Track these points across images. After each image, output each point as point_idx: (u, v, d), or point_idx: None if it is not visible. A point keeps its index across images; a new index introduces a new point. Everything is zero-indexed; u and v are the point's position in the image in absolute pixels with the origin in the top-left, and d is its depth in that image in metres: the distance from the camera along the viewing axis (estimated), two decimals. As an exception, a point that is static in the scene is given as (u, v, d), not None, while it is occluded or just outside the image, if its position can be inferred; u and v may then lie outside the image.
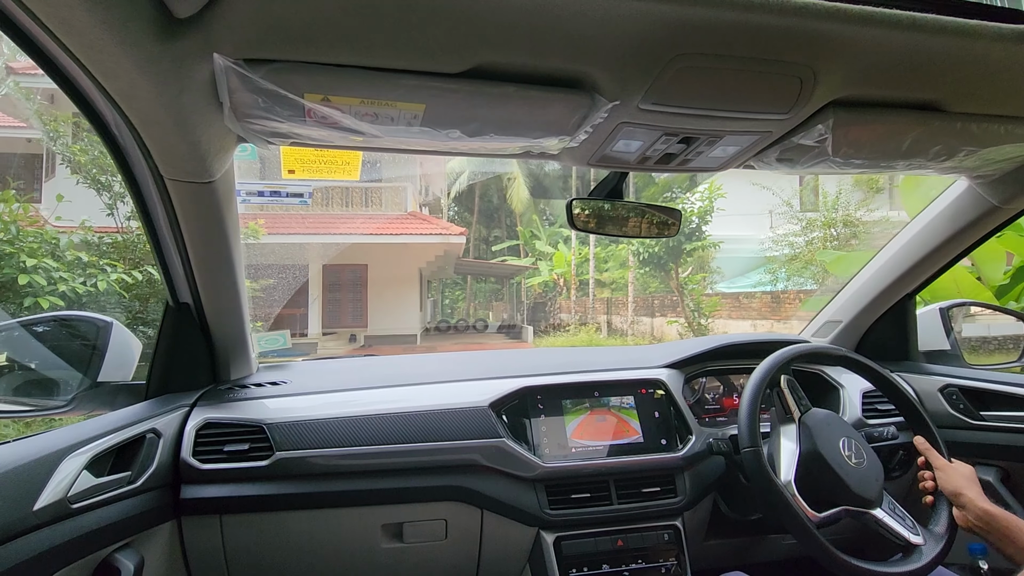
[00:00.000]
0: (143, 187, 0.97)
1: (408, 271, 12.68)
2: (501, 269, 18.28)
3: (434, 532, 1.21)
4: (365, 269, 11.98)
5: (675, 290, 11.50)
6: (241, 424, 1.17)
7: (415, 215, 12.27)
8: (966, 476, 1.04)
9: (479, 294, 19.83)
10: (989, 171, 1.12)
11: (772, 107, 0.81)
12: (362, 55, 0.67)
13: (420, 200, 13.79)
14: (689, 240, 11.11)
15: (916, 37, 0.68)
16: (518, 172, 16.71)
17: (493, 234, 20.98)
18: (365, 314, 12.14)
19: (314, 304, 11.02)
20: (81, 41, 0.61)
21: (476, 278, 19.25)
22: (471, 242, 18.98)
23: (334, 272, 11.66)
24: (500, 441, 1.21)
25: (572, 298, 14.64)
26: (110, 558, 0.93)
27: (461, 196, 19.78)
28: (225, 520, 1.13)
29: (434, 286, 17.50)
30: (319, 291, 11.24)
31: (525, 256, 17.54)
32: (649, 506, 1.24)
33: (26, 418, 2.16)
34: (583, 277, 14.39)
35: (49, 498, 0.81)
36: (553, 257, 14.81)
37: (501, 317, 16.83)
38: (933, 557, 1.01)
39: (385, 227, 11.22)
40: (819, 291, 9.60)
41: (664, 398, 1.35)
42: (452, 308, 18.19)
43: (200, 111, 0.74)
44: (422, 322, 13.86)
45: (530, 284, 16.31)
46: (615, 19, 0.63)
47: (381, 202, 11.88)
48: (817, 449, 1.05)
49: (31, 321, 1.24)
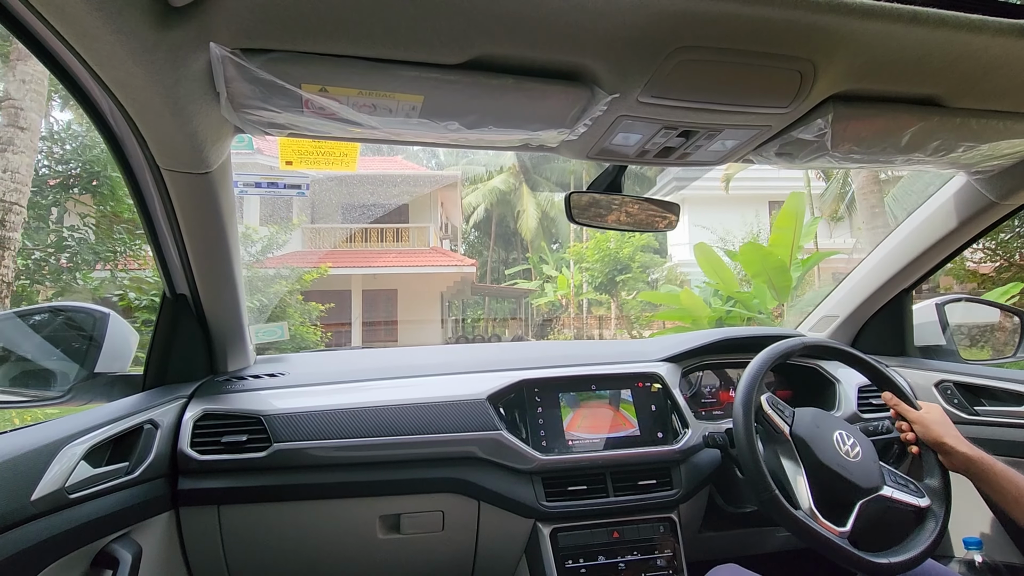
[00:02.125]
0: (139, 177, 0.96)
1: (431, 294, 15.70)
2: (510, 291, 21.07)
3: (431, 524, 1.21)
4: (395, 293, 15.22)
5: (615, 310, 14.86)
6: (239, 415, 1.17)
7: (436, 250, 15.53)
8: (940, 423, 1.06)
9: (497, 312, 22.79)
10: (988, 167, 1.12)
11: (772, 101, 0.81)
12: (360, 46, 0.66)
13: (440, 235, 16.94)
14: (620, 273, 15.01)
15: (917, 31, 0.68)
16: (528, 205, 20.00)
17: (511, 256, 23.91)
18: (395, 330, 15.13)
19: (356, 322, 14.06)
20: (76, 29, 0.60)
21: (493, 298, 22.30)
22: (488, 264, 23.33)
23: (372, 296, 14.91)
24: (497, 434, 1.22)
25: (572, 315, 16.96)
26: (108, 548, 0.94)
27: (480, 223, 22.89)
28: (223, 511, 1.13)
29: (455, 305, 20.08)
30: (359, 311, 14.37)
31: (534, 279, 19.94)
32: (645, 498, 1.25)
33: (23, 408, 2.16)
34: (584, 296, 16.61)
35: (47, 488, 0.82)
36: (557, 280, 16.91)
37: (516, 332, 19.36)
38: (943, 517, 1.04)
39: (412, 260, 14.73)
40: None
41: (661, 391, 1.36)
42: (474, 325, 20.91)
43: (196, 101, 0.73)
44: (443, 336, 16.55)
45: (538, 303, 18.44)
46: (615, 11, 0.62)
47: (410, 239, 15.50)
48: (819, 460, 1.03)
49: (28, 312, 1.24)
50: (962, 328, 1.62)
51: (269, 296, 8.49)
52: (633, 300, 14.95)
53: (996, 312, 1.71)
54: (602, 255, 15.01)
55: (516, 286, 20.51)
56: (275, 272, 9.00)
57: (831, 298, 1.66)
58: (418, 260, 14.73)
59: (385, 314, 15.08)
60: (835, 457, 1.04)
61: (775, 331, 1.59)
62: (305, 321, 8.83)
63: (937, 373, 1.46)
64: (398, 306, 15.19)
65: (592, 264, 15.34)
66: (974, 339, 2.16)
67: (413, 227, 15.65)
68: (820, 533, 0.97)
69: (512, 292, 21.10)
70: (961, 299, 1.64)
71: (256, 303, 7.89)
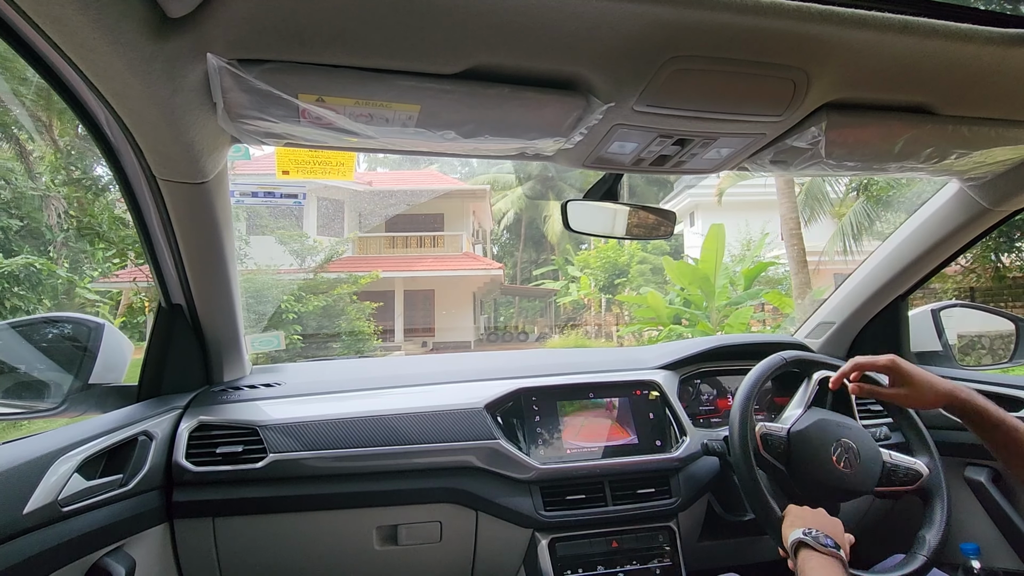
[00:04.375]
0: (135, 187, 0.96)
1: (464, 294, 17.91)
2: (536, 291, 23.05)
3: (429, 534, 1.20)
4: (433, 293, 17.46)
5: (616, 311, 16.41)
6: (235, 426, 1.16)
7: (468, 255, 17.73)
8: (924, 385, 0.98)
9: (526, 311, 24.51)
10: (980, 174, 1.13)
11: (766, 109, 0.81)
12: (357, 56, 0.67)
13: (472, 240, 19.14)
14: (618, 277, 16.80)
15: (908, 40, 0.69)
16: (554, 210, 21.99)
17: (541, 257, 25.59)
18: (433, 326, 17.32)
19: (398, 319, 16.06)
20: (73, 40, 0.60)
21: (522, 297, 24.34)
22: (518, 265, 25.39)
23: (412, 296, 17.04)
24: (495, 443, 1.21)
25: (593, 313, 18.45)
26: (101, 562, 0.92)
27: (511, 226, 25.06)
28: (218, 523, 1.12)
29: (487, 304, 22.12)
30: (401, 309, 16.36)
31: (560, 280, 21.29)
32: (644, 507, 1.24)
33: (16, 420, 2.14)
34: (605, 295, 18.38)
35: (39, 501, 0.81)
36: (580, 280, 18.26)
37: (543, 330, 20.78)
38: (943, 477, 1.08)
39: (447, 264, 16.87)
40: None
41: (659, 399, 1.35)
42: (506, 323, 23.07)
43: (193, 111, 0.73)
44: (475, 332, 18.62)
45: (563, 303, 19.83)
46: (609, 21, 0.63)
47: (444, 245, 17.60)
48: (818, 480, 1.05)
49: (22, 323, 1.23)
50: (958, 334, 1.62)
51: (332, 298, 10.08)
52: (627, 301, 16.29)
53: (992, 318, 1.71)
54: (603, 262, 16.71)
55: (542, 286, 22.04)
56: (335, 277, 10.70)
57: (826, 304, 1.66)
58: (452, 264, 16.87)
59: (424, 311, 17.31)
60: (832, 472, 1.05)
61: (770, 338, 1.59)
62: (360, 317, 10.50)
63: None
64: (435, 304, 17.55)
65: (594, 270, 17.01)
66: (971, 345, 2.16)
67: (448, 235, 17.80)
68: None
69: (538, 292, 22.75)
70: (957, 305, 1.65)
71: (322, 303, 9.71)
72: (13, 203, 5.32)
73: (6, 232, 5.14)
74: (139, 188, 0.96)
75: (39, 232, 4.86)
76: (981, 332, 5.75)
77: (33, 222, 5.09)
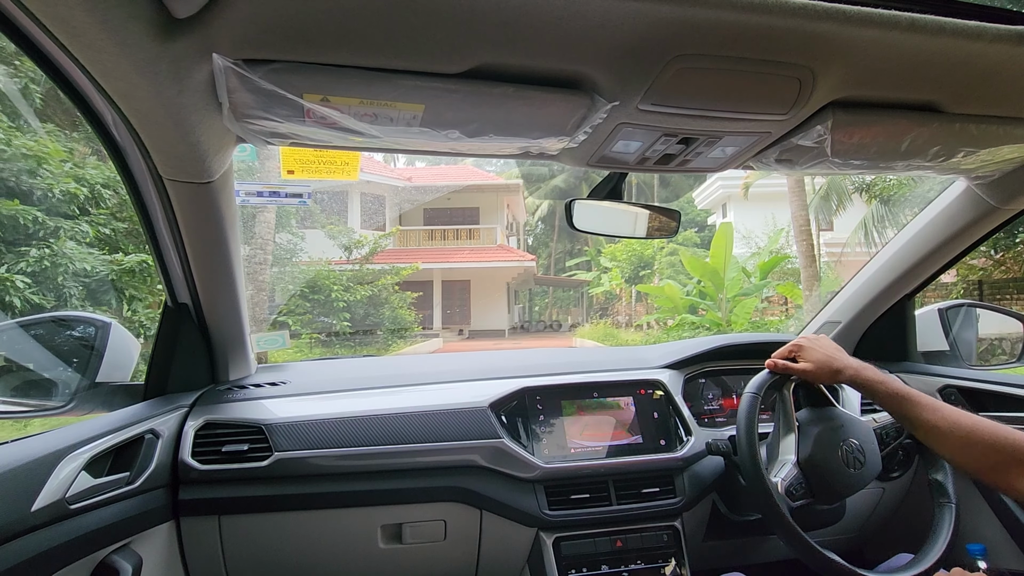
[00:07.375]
0: (141, 187, 0.97)
1: (499, 285, 19.02)
2: (568, 282, 24.05)
3: (433, 533, 1.20)
4: (468, 284, 18.49)
5: (647, 301, 16.67)
6: (240, 424, 1.16)
7: (502, 247, 18.74)
8: (820, 361, 1.07)
9: (560, 301, 25.33)
10: (987, 172, 1.12)
11: (771, 108, 0.81)
12: (361, 55, 0.67)
13: (506, 233, 20.40)
14: (643, 269, 17.69)
15: (915, 38, 0.68)
16: None
17: (575, 248, 26.24)
18: (468, 315, 18.51)
19: (436, 308, 17.09)
20: (80, 41, 0.60)
21: (556, 288, 25.25)
22: (552, 256, 26.32)
23: (449, 286, 18.16)
24: (499, 442, 1.21)
25: (623, 303, 19.22)
26: (108, 559, 0.93)
27: (545, 217, 26.13)
28: (224, 521, 1.13)
29: (521, 295, 23.22)
30: (439, 298, 17.42)
31: (593, 270, 21.97)
32: (648, 507, 1.24)
33: (24, 418, 2.16)
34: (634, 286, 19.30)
35: (47, 499, 0.81)
36: (612, 271, 18.87)
37: (577, 319, 21.61)
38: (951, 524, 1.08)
39: (482, 256, 17.81)
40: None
41: (663, 398, 1.35)
42: (541, 312, 24.03)
43: (199, 111, 0.73)
44: (510, 322, 19.78)
45: (595, 293, 20.39)
46: (614, 20, 0.63)
47: (480, 238, 18.70)
48: (829, 485, 1.06)
49: (30, 321, 1.24)
50: (965, 333, 1.61)
51: (377, 288, 10.88)
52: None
53: (1000, 318, 1.70)
54: (629, 254, 17.38)
55: (575, 277, 22.73)
56: (379, 268, 11.70)
57: (833, 303, 1.66)
58: (487, 256, 17.83)
59: (460, 301, 18.43)
60: (847, 476, 1.06)
61: (775, 337, 1.58)
62: (402, 306, 11.44)
63: (940, 379, 1.45)
64: (471, 294, 18.69)
65: (620, 262, 17.61)
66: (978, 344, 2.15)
67: (483, 228, 18.84)
68: (823, 555, 0.98)
69: (570, 283, 23.67)
70: (964, 304, 1.63)
71: (367, 292, 10.70)
72: (118, 208, 5.90)
73: (115, 233, 5.79)
74: (145, 188, 0.96)
75: (138, 233, 5.37)
76: (989, 333, 5.75)
77: (133, 224, 5.64)
